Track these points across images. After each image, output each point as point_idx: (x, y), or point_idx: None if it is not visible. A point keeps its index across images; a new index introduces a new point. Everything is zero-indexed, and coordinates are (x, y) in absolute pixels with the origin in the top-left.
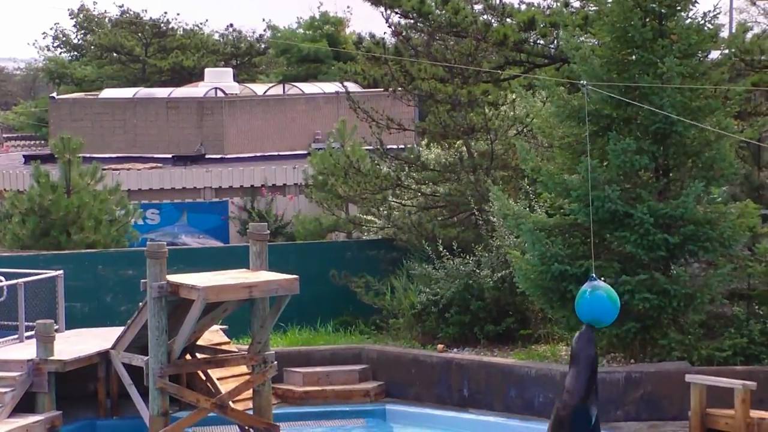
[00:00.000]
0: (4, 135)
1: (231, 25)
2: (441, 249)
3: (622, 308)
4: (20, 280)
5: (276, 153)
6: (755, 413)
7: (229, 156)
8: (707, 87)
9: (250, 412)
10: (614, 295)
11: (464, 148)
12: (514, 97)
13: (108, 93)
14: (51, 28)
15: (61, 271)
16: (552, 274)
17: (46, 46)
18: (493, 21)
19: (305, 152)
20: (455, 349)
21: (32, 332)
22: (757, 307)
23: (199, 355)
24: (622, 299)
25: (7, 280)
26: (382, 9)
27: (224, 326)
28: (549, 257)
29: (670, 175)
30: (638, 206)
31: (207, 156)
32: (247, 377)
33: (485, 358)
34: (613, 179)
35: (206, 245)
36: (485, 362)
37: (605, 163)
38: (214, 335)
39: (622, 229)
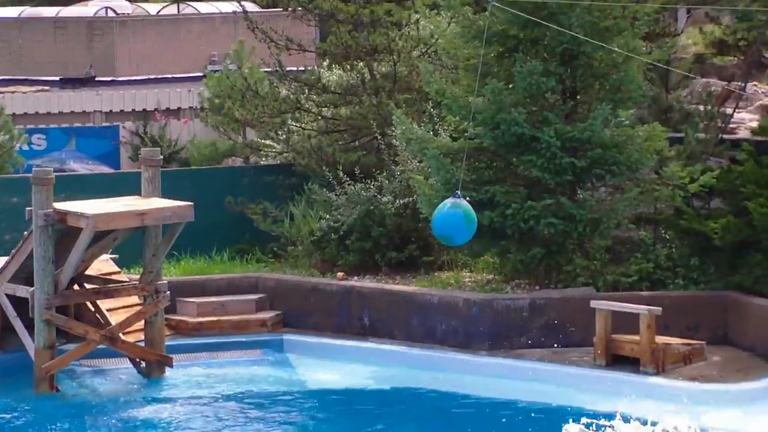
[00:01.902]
0: None
1: None
2: (342, 174)
3: (528, 233)
4: None
5: (170, 76)
6: (660, 339)
7: (120, 79)
8: (616, 4)
9: (142, 344)
10: (472, 216)
11: (366, 70)
12: (418, 17)
13: None
14: None
15: None
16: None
17: None
18: None
19: (201, 75)
20: (356, 277)
21: None
22: (663, 231)
23: (88, 286)
24: (528, 224)
25: None
26: None
27: (114, 255)
28: (453, 182)
29: (578, 97)
30: (545, 129)
31: (97, 79)
32: (139, 308)
33: (387, 286)
34: (519, 102)
35: (96, 172)
36: (387, 290)
37: (511, 86)
38: (103, 265)
39: (529, 152)
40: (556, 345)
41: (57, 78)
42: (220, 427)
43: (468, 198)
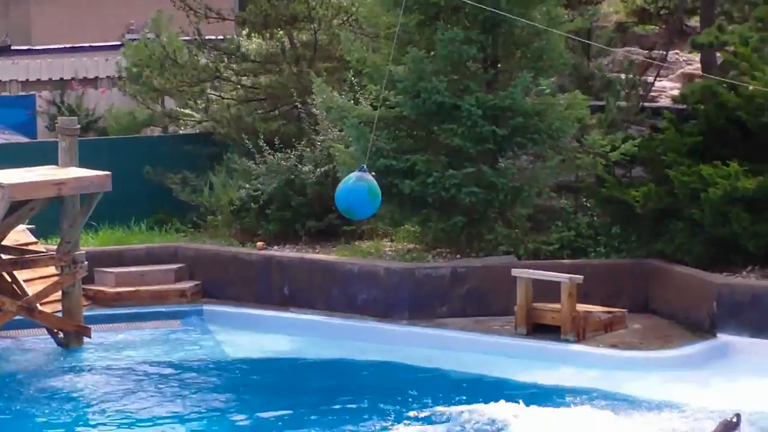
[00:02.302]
0: None
1: None
2: (262, 143)
3: (449, 202)
4: None
5: (87, 45)
6: (581, 307)
7: (36, 47)
8: None
9: (60, 315)
10: (376, 191)
11: (286, 39)
12: None
13: None
14: None
15: None
16: (377, 169)
17: None
18: None
19: (118, 43)
20: (276, 247)
21: None
22: (584, 199)
23: (4, 256)
24: (449, 193)
25: None
26: None
27: (31, 226)
28: (374, 151)
29: (499, 66)
30: (466, 98)
31: (13, 47)
32: (56, 279)
33: (307, 256)
34: (440, 70)
35: (12, 141)
36: (307, 259)
37: (432, 54)
38: (20, 235)
39: (450, 121)
40: (477, 314)
41: None
42: (139, 397)
43: (388, 166)
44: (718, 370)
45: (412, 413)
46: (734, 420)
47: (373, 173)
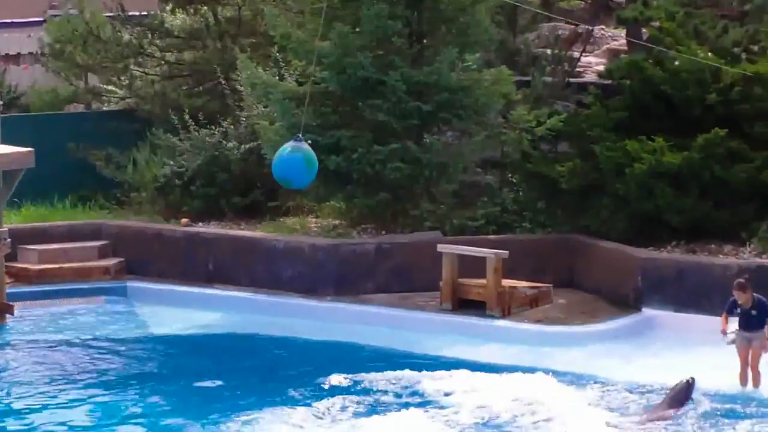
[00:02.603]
0: None
1: None
2: (187, 119)
3: (374, 178)
4: None
5: (9, 21)
6: (507, 282)
7: None
8: None
9: None
10: (313, 160)
11: (210, 14)
12: None
13: None
14: None
15: None
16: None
17: None
18: None
19: (41, 19)
20: (200, 224)
21: None
22: (510, 175)
23: None
24: (374, 169)
25: None
26: None
27: None
28: (298, 127)
29: (424, 41)
30: (391, 74)
31: None
32: None
33: (231, 232)
34: (365, 46)
35: None
36: (231, 236)
37: (357, 29)
38: None
39: (375, 97)
40: (402, 290)
41: None
42: (62, 374)
43: (310, 142)
44: (643, 344)
45: (330, 385)
46: (688, 382)
47: (309, 141)
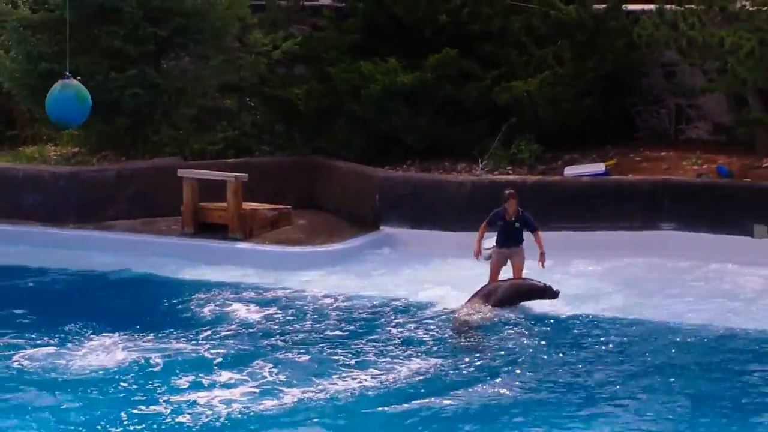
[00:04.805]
0: None
1: None
2: None
3: (112, 104)
4: None
5: None
6: (248, 205)
7: None
8: None
9: None
10: (84, 95)
11: None
12: None
13: None
14: None
15: None
16: (39, 73)
17: None
18: None
19: None
20: None
21: None
22: (248, 99)
23: None
24: (112, 96)
25: None
26: None
27: None
28: (35, 56)
29: None
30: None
31: None
32: None
33: None
34: None
35: None
36: None
37: None
38: None
39: (111, 23)
40: (145, 215)
41: None
42: None
43: (50, 70)
44: (382, 260)
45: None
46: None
47: (80, 78)
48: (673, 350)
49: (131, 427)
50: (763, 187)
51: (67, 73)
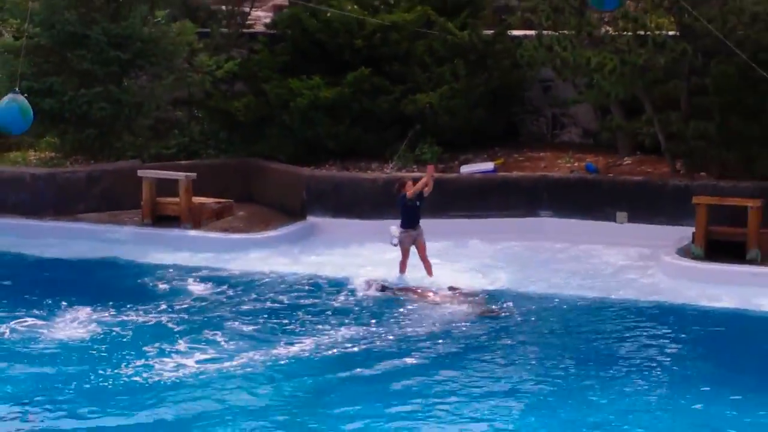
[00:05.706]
0: None
1: None
2: None
3: (82, 116)
4: None
5: None
6: (197, 199)
7: None
8: None
9: None
10: (27, 109)
11: None
12: None
13: None
14: None
15: None
16: (21, 90)
17: None
18: None
19: None
20: None
21: None
22: (196, 111)
23: None
24: (82, 109)
25: None
26: None
27: None
28: (17, 76)
29: (119, 0)
30: (94, 27)
31: None
32: None
33: None
34: (70, 5)
35: None
36: None
37: None
38: None
39: (81, 48)
40: (111, 209)
41: None
42: None
43: (26, 93)
44: (309, 245)
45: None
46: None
47: (26, 95)
48: (552, 318)
49: (102, 384)
50: (623, 180)
51: (17, 89)
